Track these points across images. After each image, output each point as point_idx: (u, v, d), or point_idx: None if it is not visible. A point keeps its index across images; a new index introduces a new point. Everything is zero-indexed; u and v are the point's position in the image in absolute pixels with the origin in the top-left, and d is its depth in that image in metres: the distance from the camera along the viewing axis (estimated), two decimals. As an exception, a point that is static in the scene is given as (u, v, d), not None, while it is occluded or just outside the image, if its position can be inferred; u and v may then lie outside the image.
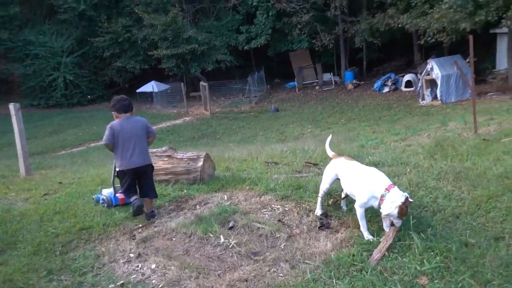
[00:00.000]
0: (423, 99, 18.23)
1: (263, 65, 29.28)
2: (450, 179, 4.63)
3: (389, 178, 3.69)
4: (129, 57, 28.75)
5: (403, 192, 3.50)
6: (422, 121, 12.99)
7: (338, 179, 4.15)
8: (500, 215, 3.66)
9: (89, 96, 29.94)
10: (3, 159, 12.82)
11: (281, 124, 19.02)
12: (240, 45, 28.42)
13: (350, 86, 25.27)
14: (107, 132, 4.49)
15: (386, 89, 22.84)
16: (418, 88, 18.85)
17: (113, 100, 4.67)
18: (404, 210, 3.42)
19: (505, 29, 16.57)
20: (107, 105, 31.62)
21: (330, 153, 4.45)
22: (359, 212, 3.70)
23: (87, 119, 24.32)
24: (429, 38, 17.57)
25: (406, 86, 21.85)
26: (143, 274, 3.44)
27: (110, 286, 3.28)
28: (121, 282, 3.32)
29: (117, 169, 4.58)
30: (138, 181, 4.62)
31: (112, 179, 4.95)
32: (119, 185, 4.77)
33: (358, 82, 25.73)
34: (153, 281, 3.32)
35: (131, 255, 3.75)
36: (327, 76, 27.63)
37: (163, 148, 5.77)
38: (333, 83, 26.86)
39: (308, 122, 18.83)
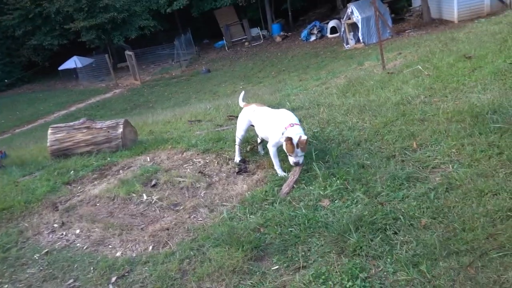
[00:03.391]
0: (347, 43, 18.79)
1: (190, 27, 28.50)
2: (355, 112, 5.01)
3: (298, 118, 3.95)
4: (44, 33, 26.72)
5: (303, 131, 3.77)
6: (345, 64, 13.51)
7: (252, 125, 4.38)
8: (393, 137, 4.07)
9: (6, 80, 27.82)
10: None
11: (214, 85, 18.95)
12: (162, 8, 27.21)
13: (278, 39, 25.45)
14: None
15: (313, 38, 23.27)
16: (342, 33, 19.37)
17: None
18: (288, 146, 3.69)
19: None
20: (29, 87, 29.00)
21: (241, 103, 4.66)
22: (272, 151, 3.97)
23: (8, 105, 22.77)
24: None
25: (331, 33, 22.33)
26: (67, 240, 3.53)
27: (35, 256, 3.35)
28: (46, 250, 3.40)
29: None
30: None
31: None
32: None
33: (285, 34, 25.92)
34: (78, 244, 3.43)
35: (55, 225, 3.81)
36: (255, 31, 27.53)
37: (81, 121, 5.69)
38: (262, 37, 26.87)
39: (240, 79, 18.90)
